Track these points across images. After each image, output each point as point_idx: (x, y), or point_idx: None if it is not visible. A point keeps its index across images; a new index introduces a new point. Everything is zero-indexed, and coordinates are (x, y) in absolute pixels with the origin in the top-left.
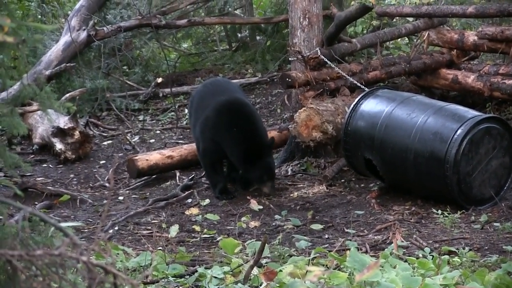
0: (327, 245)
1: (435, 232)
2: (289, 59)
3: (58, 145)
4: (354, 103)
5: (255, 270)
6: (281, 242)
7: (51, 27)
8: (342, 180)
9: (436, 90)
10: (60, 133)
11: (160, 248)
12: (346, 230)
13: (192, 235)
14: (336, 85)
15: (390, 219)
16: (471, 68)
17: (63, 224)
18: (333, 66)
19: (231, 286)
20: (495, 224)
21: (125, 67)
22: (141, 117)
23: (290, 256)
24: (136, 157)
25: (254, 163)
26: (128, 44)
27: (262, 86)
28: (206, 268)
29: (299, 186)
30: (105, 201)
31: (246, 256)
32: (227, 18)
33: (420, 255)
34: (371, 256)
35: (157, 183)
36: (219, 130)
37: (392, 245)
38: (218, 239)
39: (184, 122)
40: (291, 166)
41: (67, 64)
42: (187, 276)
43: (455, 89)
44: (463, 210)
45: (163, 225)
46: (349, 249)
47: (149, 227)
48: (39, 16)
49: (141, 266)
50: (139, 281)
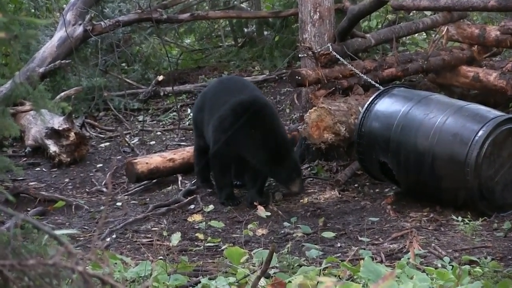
0: (340, 254)
1: (455, 240)
2: (299, 56)
3: (52, 148)
4: (368, 103)
5: (263, 281)
6: (290, 251)
7: (45, 22)
8: (356, 185)
9: (456, 89)
10: (55, 135)
11: (161, 258)
12: (360, 238)
13: (195, 244)
14: (349, 83)
15: (407, 227)
16: (493, 65)
17: (58, 232)
18: (346, 63)
19: None
20: None
21: (124, 64)
22: (141, 118)
23: (300, 266)
24: (135, 160)
25: (280, 163)
26: (127, 40)
27: (270, 85)
28: (210, 279)
29: (310, 191)
30: (102, 207)
31: (253, 266)
32: (233, 12)
33: (439, 265)
34: (387, 266)
35: (158, 188)
36: (238, 132)
37: (409, 254)
38: (223, 248)
39: (187, 123)
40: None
41: (62, 61)
42: None
43: (476, 88)
44: (485, 217)
45: (164, 233)
46: (363, 259)
47: (149, 235)
48: (32, 10)
49: (141, 277)
50: None
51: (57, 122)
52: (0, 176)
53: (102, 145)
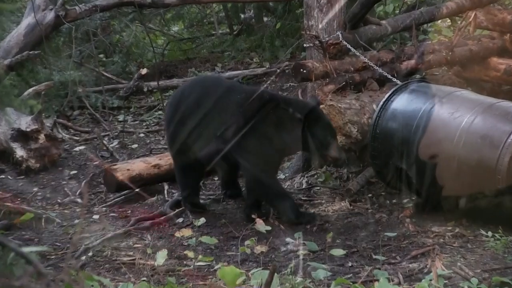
0: (351, 275)
1: (484, 259)
2: (304, 46)
3: (19, 152)
4: (384, 100)
5: None
6: (294, 272)
7: (11, 7)
8: (369, 195)
9: (485, 84)
10: (22, 137)
11: (144, 279)
12: (374, 257)
13: (184, 263)
14: (362, 78)
15: (429, 243)
16: None
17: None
18: (358, 54)
19: None
20: None
21: (102, 56)
22: (121, 117)
23: None
24: (115, 167)
25: (315, 126)
26: (106, 28)
27: (271, 79)
28: None
29: (316, 202)
30: (77, 221)
31: None
32: None
33: (466, 287)
34: None
35: (141, 199)
36: (275, 127)
37: (431, 275)
38: (216, 268)
39: None
40: (307, 178)
41: (31, 52)
42: None
43: (509, 82)
44: None
45: (148, 250)
46: (378, 280)
47: (131, 253)
48: None
49: None
50: None
51: (25, 123)
52: None
53: (77, 149)
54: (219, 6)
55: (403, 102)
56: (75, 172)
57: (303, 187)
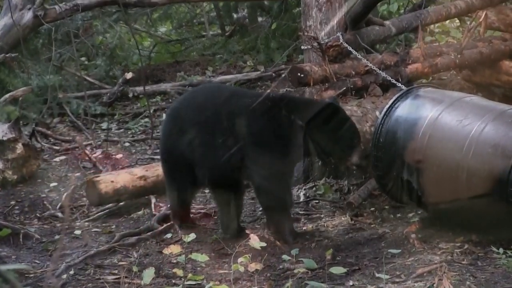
0: None
1: (495, 278)
2: (302, 48)
3: None
4: (388, 106)
5: None
6: None
7: None
8: (372, 209)
9: (497, 89)
10: None
11: None
12: (377, 275)
13: (173, 282)
14: (364, 82)
15: (436, 260)
16: None
17: (2, 267)
18: (360, 57)
19: None
20: None
21: (84, 59)
22: (105, 125)
23: None
24: (98, 178)
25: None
26: (88, 29)
27: (266, 83)
28: None
29: (315, 217)
30: (58, 237)
31: None
32: None
33: None
34: None
35: (126, 213)
36: (291, 132)
37: None
38: (207, 287)
39: None
40: (304, 190)
41: (7, 55)
42: None
43: None
44: None
45: (134, 268)
46: None
47: (116, 271)
48: None
49: None
50: None
51: (1, 131)
52: None
53: (57, 159)
54: (210, 5)
55: (408, 109)
56: (55, 184)
57: (301, 200)
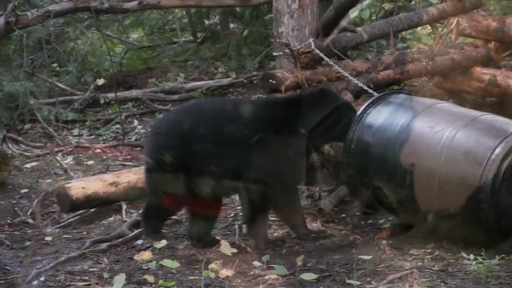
0: None
1: (466, 284)
2: (273, 54)
3: None
4: (360, 113)
5: None
6: None
7: None
8: (343, 215)
9: (468, 96)
10: None
11: None
12: (348, 281)
13: None
14: (336, 89)
15: (406, 267)
16: None
17: None
18: (332, 64)
19: None
20: None
21: (55, 65)
22: (76, 131)
23: None
24: (69, 185)
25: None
26: (60, 35)
27: (237, 90)
28: None
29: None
30: (28, 243)
31: None
32: (191, 0)
33: None
34: None
35: (97, 219)
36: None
37: None
38: None
39: (133, 138)
40: None
41: None
42: None
43: (493, 94)
44: (503, 255)
45: (105, 275)
46: None
47: (86, 277)
48: None
49: None
50: None
51: None
52: None
53: (28, 166)
54: (182, 12)
55: (380, 116)
56: (26, 191)
57: None
